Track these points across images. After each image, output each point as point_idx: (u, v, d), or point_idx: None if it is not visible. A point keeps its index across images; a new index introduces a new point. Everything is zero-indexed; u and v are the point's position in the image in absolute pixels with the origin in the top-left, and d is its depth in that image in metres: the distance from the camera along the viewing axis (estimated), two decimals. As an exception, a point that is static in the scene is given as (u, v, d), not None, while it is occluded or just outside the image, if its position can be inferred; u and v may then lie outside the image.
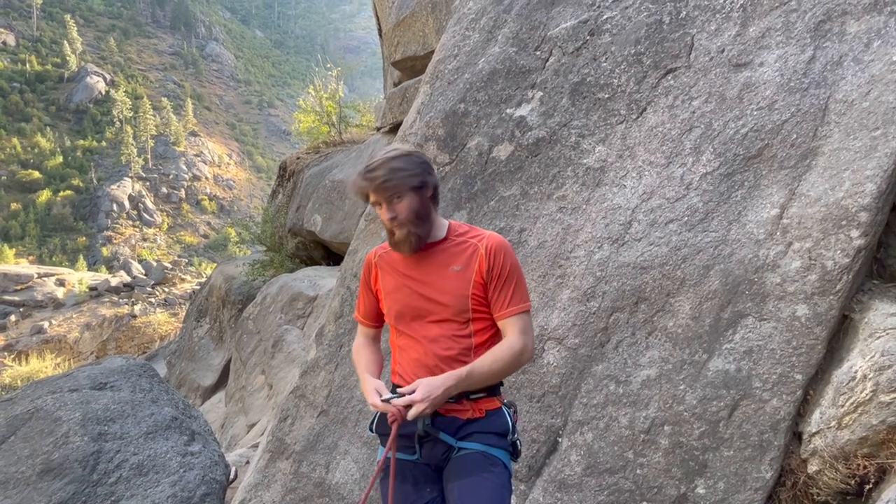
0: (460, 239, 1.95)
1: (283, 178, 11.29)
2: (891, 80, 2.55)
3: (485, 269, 1.89)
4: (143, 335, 25.76)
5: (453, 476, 1.87)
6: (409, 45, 7.36)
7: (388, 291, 2.02)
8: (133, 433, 2.20)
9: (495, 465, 1.88)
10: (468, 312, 1.90)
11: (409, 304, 1.96)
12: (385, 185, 1.80)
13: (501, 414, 1.95)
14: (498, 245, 1.92)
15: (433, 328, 1.93)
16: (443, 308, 1.91)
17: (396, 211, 1.83)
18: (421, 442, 1.89)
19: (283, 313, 7.41)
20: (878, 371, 2.21)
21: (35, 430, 2.08)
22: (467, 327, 1.92)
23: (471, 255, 1.91)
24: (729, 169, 2.79)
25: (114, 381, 2.46)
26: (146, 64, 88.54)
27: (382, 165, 1.81)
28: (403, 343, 2.01)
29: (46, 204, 62.73)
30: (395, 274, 2.01)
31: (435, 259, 1.94)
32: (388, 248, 2.06)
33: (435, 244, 1.95)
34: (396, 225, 1.85)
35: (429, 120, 3.49)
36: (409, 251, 1.90)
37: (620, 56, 3.16)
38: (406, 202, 1.83)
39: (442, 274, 1.92)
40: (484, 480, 1.83)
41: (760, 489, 2.58)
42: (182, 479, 2.14)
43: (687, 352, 2.73)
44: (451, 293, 1.90)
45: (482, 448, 1.87)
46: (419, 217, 1.86)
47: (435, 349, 1.91)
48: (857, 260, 2.51)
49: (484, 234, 1.96)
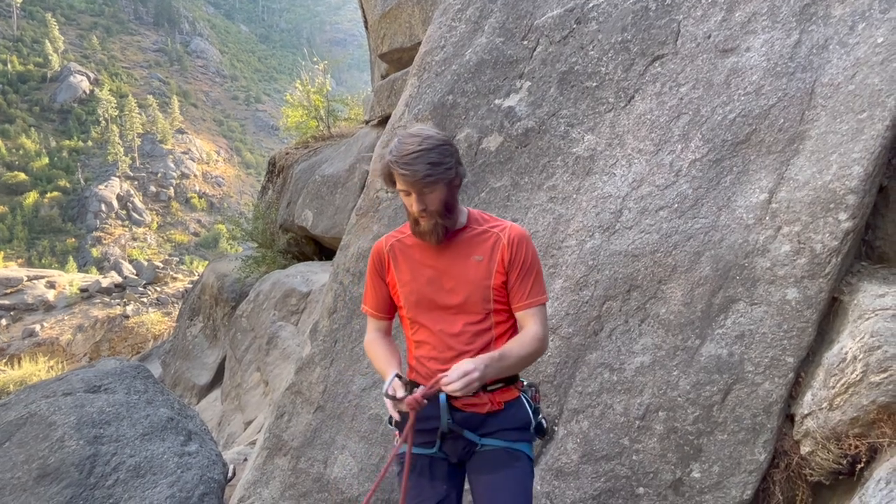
0: (481, 228, 1.92)
1: (272, 174, 11.23)
2: (875, 62, 2.57)
3: (507, 259, 1.86)
4: (136, 335, 25.63)
5: (478, 470, 1.88)
6: (395, 37, 7.31)
7: (403, 281, 1.96)
8: (129, 435, 2.19)
9: (519, 458, 1.89)
10: (490, 303, 1.87)
11: (427, 293, 1.91)
12: (424, 181, 1.73)
13: (521, 405, 1.93)
14: (520, 236, 1.90)
15: (452, 319, 1.89)
16: (464, 298, 1.87)
17: (427, 203, 1.78)
18: (443, 438, 1.88)
19: (277, 310, 7.39)
20: (867, 352, 2.24)
21: (30, 435, 2.07)
22: (488, 320, 1.89)
23: (493, 246, 1.88)
24: (717, 155, 2.80)
25: (108, 384, 2.45)
26: (130, 61, 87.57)
27: (419, 159, 1.72)
28: (420, 337, 1.96)
29: (34, 206, 62.13)
30: (411, 262, 1.95)
31: (456, 248, 1.90)
32: (399, 235, 2.01)
33: (455, 233, 1.90)
34: (425, 216, 1.80)
35: (417, 112, 3.48)
36: (435, 242, 1.86)
37: (608, 44, 3.15)
38: (437, 194, 1.78)
39: (463, 264, 1.88)
40: (509, 476, 1.85)
41: (754, 471, 2.61)
42: (180, 479, 2.14)
43: (680, 338, 2.75)
44: (473, 283, 1.87)
45: (505, 445, 1.87)
46: (448, 209, 1.82)
47: (454, 343, 1.88)
48: (846, 243, 2.53)
49: (505, 224, 1.93)
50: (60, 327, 30.87)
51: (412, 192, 1.76)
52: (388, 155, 1.78)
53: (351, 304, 3.51)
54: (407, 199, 1.80)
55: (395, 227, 3.45)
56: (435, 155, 1.74)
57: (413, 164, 1.72)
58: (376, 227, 3.49)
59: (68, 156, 68.82)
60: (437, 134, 1.80)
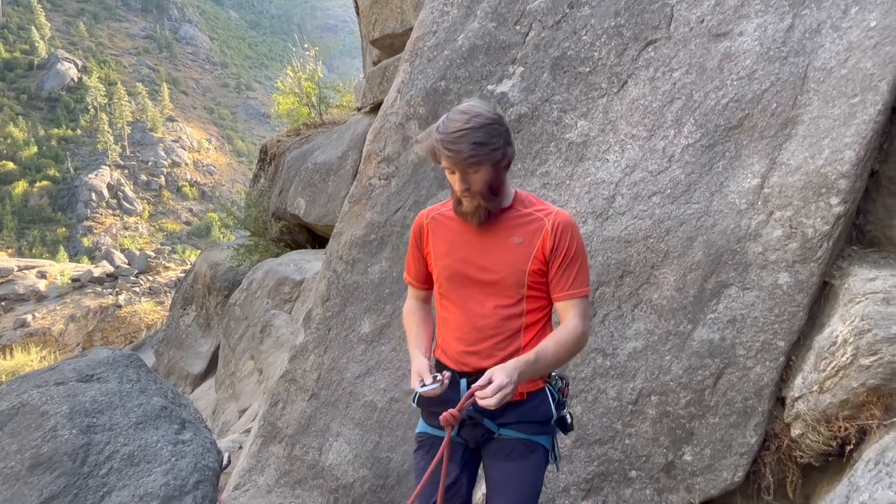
0: (526, 211, 1.85)
1: (264, 162, 11.15)
2: (868, 46, 2.56)
3: (549, 247, 1.80)
4: (129, 325, 25.55)
5: (493, 456, 1.87)
6: (386, 23, 7.24)
7: (439, 255, 1.91)
8: (122, 424, 2.19)
9: (535, 450, 1.87)
10: (523, 288, 1.81)
11: (460, 270, 1.86)
12: (468, 161, 1.67)
13: (543, 397, 1.87)
14: (566, 223, 1.82)
15: (483, 300, 1.84)
16: (497, 279, 1.82)
17: (470, 182, 1.72)
18: (462, 423, 1.84)
19: (270, 298, 7.37)
20: (857, 335, 2.25)
21: (22, 424, 2.06)
22: (520, 305, 1.83)
23: (535, 230, 1.82)
24: (710, 140, 2.80)
25: (100, 373, 2.43)
26: (119, 48, 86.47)
27: (464, 138, 1.65)
28: (448, 315, 1.91)
29: (23, 195, 61.56)
30: (449, 237, 1.90)
31: (496, 228, 1.84)
32: (442, 208, 1.96)
33: (499, 212, 1.84)
34: (468, 196, 1.75)
35: (409, 99, 3.46)
36: (476, 223, 1.81)
37: (600, 28, 3.13)
38: (482, 175, 1.71)
39: (502, 244, 1.83)
40: (524, 466, 1.85)
41: (745, 454, 2.64)
42: (174, 467, 2.14)
43: (672, 323, 2.76)
44: (509, 265, 1.81)
45: (524, 437, 1.85)
46: (492, 191, 1.76)
47: (482, 325, 1.84)
48: (837, 227, 2.54)
49: (552, 209, 1.86)
50: (52, 317, 30.71)
51: (456, 171, 1.72)
52: (435, 132, 1.73)
53: (344, 291, 3.50)
54: (451, 178, 1.76)
55: (388, 214, 3.45)
56: (481, 134, 1.66)
57: (457, 143, 1.66)
58: (369, 215, 3.48)
59: (57, 144, 68.11)
60: (487, 112, 1.70)
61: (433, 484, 1.81)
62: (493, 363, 1.76)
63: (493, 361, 1.79)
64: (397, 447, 3.20)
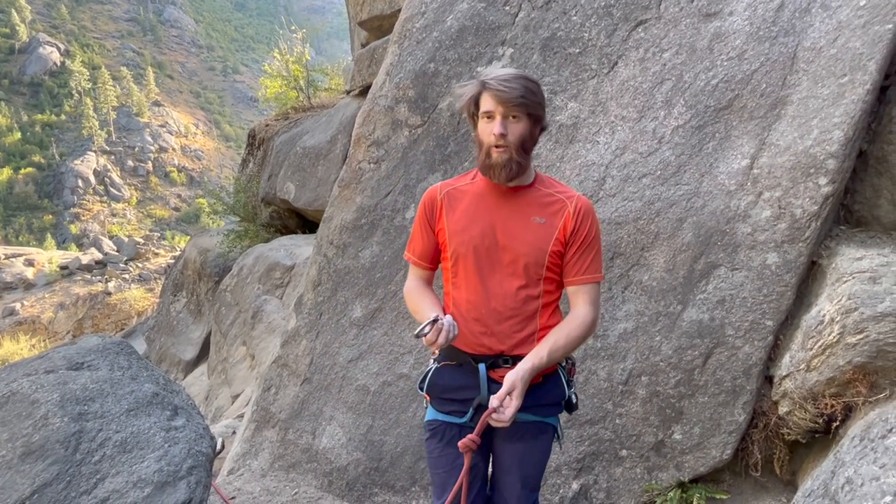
0: (547, 191, 1.84)
1: (252, 147, 11.04)
2: (857, 25, 2.56)
3: (570, 229, 1.79)
4: (119, 312, 25.43)
5: (505, 438, 1.88)
6: (375, 4, 7.14)
7: (453, 230, 1.85)
8: (114, 411, 2.18)
9: (546, 431, 1.90)
10: (542, 269, 1.79)
11: (478, 245, 1.81)
12: (517, 101, 1.67)
13: (558, 379, 1.89)
14: (587, 208, 1.83)
15: (499, 278, 1.81)
16: (516, 257, 1.79)
17: (509, 129, 1.70)
18: (476, 408, 1.84)
19: (261, 284, 7.35)
20: (844, 314, 2.28)
21: (12, 413, 2.05)
22: (538, 286, 1.81)
23: (557, 211, 1.80)
24: (700, 121, 2.80)
25: (91, 361, 2.42)
26: (102, 32, 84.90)
27: (518, 81, 1.68)
28: (460, 295, 1.86)
29: (8, 182, 60.74)
30: (467, 210, 1.85)
31: (517, 204, 1.81)
32: (456, 183, 1.92)
33: (520, 188, 1.82)
34: (502, 144, 1.71)
35: (398, 81, 3.42)
36: (503, 178, 1.75)
37: (590, 9, 3.10)
38: (521, 125, 1.71)
39: (523, 222, 1.80)
40: (536, 447, 1.88)
41: (734, 432, 2.68)
42: (168, 453, 2.13)
43: (662, 304, 2.78)
44: (529, 244, 1.78)
45: (538, 419, 1.86)
46: (524, 147, 1.73)
47: (498, 305, 1.81)
48: (825, 207, 2.56)
49: (573, 193, 1.85)
50: (41, 305, 30.49)
51: (497, 113, 1.70)
52: (482, 76, 1.74)
53: (335, 276, 3.49)
54: (486, 126, 1.73)
55: (378, 198, 3.43)
56: (534, 86, 1.72)
57: (511, 83, 1.68)
58: (359, 199, 3.46)
59: (41, 130, 67.07)
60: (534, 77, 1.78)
61: (447, 467, 1.87)
62: (510, 346, 1.80)
63: (509, 344, 1.81)
64: (390, 430, 3.22)
